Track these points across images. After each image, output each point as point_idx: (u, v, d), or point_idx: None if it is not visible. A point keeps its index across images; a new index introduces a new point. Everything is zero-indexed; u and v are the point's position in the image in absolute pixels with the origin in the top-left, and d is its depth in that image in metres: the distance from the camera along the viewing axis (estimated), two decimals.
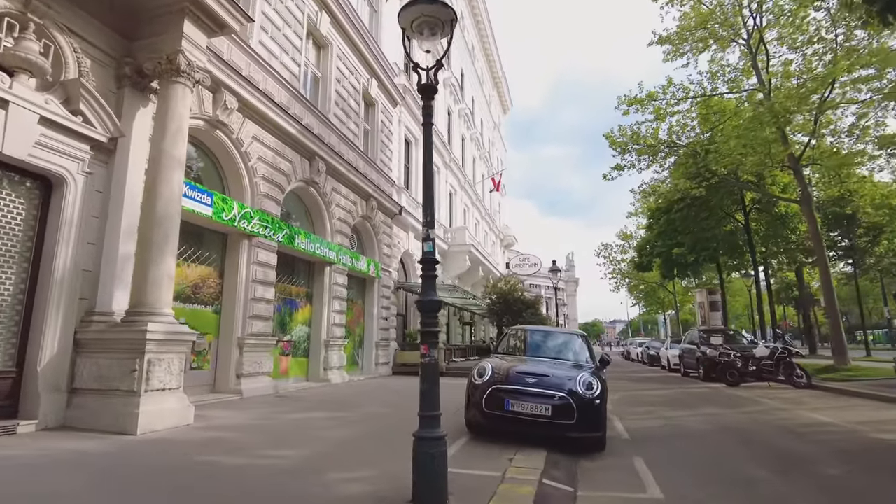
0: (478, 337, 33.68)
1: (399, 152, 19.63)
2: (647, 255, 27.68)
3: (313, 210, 13.46)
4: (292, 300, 12.64)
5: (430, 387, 4.23)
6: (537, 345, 7.50)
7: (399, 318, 19.35)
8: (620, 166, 21.56)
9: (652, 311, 57.06)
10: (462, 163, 30.12)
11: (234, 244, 10.33)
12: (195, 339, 7.51)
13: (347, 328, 14.98)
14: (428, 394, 4.22)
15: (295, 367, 12.60)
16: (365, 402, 9.74)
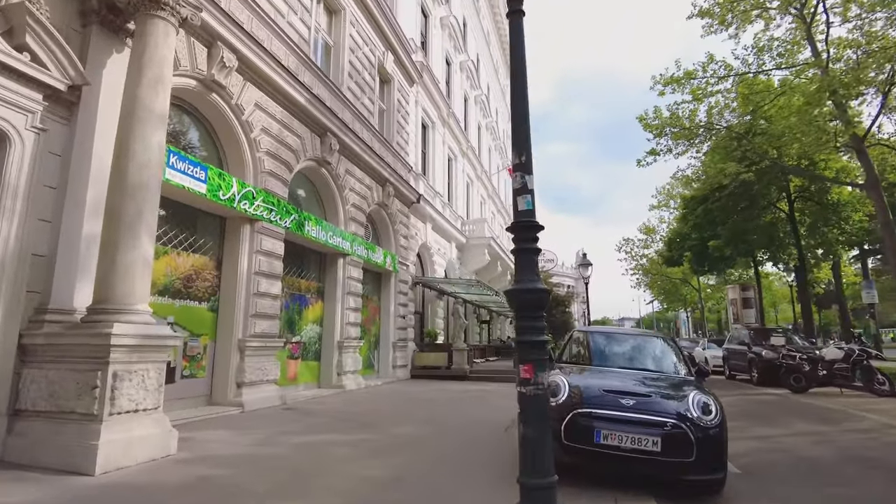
0: (495, 336, 32.10)
1: (416, 136, 18.05)
2: (678, 248, 25.93)
3: (325, 194, 11.92)
4: (301, 296, 11.11)
5: (539, 434, 2.67)
6: (612, 351, 5.89)
7: (416, 315, 17.80)
8: (656, 151, 19.88)
9: (671, 308, 55.19)
10: (478, 152, 28.50)
11: (234, 230, 8.80)
12: (180, 342, 5.99)
13: (363, 327, 13.45)
14: (534, 445, 2.64)
15: (305, 372, 11.08)
16: (390, 416, 8.19)
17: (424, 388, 12.48)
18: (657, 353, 5.92)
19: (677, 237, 26.31)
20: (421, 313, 18.82)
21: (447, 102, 21.40)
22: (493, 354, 25.33)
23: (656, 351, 5.97)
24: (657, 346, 6.04)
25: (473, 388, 12.75)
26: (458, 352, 15.14)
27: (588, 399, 4.62)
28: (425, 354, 15.67)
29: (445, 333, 20.46)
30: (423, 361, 15.63)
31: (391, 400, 10.22)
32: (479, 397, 11.04)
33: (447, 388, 12.77)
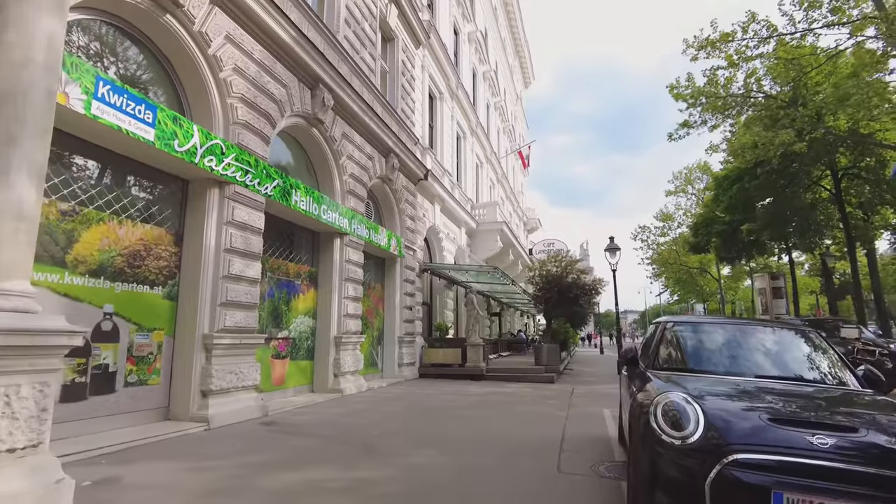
0: (505, 329, 30.25)
1: (423, 105, 16.09)
2: (705, 233, 23.96)
3: (317, 160, 9.99)
4: (290, 282, 9.21)
5: None
6: (735, 353, 3.94)
7: (424, 307, 15.92)
8: (689, 123, 17.86)
9: (684, 300, 53.18)
10: (487, 131, 26.51)
11: (199, 195, 6.90)
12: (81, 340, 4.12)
13: (364, 320, 11.57)
14: None
15: (295, 373, 9.20)
16: (400, 434, 6.30)
17: (437, 391, 10.60)
18: (802, 354, 4.01)
19: (704, 222, 24.34)
20: (429, 304, 16.94)
21: (456, 73, 19.41)
22: (504, 349, 23.50)
23: (800, 350, 4.05)
24: (798, 342, 4.14)
25: (493, 391, 10.88)
26: (473, 348, 13.28)
27: (743, 435, 2.72)
28: (435, 350, 13.80)
29: (455, 327, 18.59)
30: (432, 358, 13.76)
31: (399, 408, 8.34)
32: (504, 403, 9.16)
33: (463, 390, 10.90)
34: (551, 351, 14.20)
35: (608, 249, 16.50)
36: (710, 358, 3.93)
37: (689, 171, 38.64)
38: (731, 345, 4.05)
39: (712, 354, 3.97)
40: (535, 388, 11.43)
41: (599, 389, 11.62)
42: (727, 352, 3.98)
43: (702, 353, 4.02)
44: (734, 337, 4.14)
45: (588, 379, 14.23)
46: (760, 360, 3.90)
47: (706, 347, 4.05)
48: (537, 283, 14.97)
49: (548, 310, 14.55)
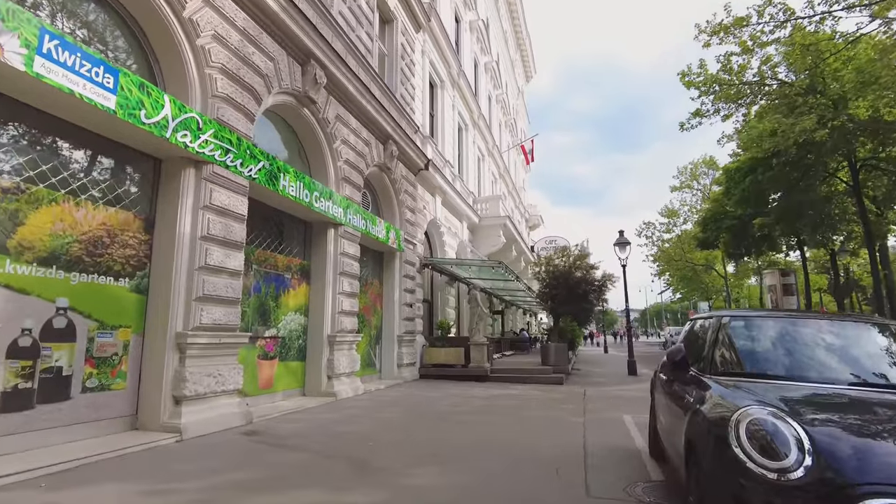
0: (508, 328, 29.51)
1: (423, 92, 15.32)
2: (714, 228, 23.18)
3: (310, 144, 9.23)
4: (279, 276, 8.45)
5: None
6: (818, 355, 3.16)
7: (425, 304, 15.17)
8: (701, 112, 17.12)
9: (687, 297, 52.43)
10: (489, 123, 25.73)
11: (172, 175, 6.13)
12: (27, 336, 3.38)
13: (361, 318, 10.83)
14: None
15: (284, 375, 8.44)
16: (399, 446, 5.55)
17: (439, 394, 9.84)
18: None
19: (713, 216, 23.56)
20: (430, 302, 16.18)
21: (457, 60, 18.63)
22: (508, 348, 22.74)
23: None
24: (890, 341, 3.37)
25: (500, 394, 10.13)
26: (477, 347, 12.52)
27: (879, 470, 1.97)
28: (437, 350, 13.04)
29: (457, 325, 17.84)
30: (434, 359, 13.00)
31: (397, 415, 7.58)
32: (513, 408, 8.41)
33: (467, 392, 10.15)
34: (559, 350, 13.45)
35: (618, 244, 15.73)
36: (789, 360, 3.16)
37: (695, 165, 37.90)
38: (812, 344, 3.28)
39: (791, 356, 3.19)
40: (543, 391, 10.68)
41: (613, 392, 10.87)
42: (808, 352, 3.21)
43: (776, 355, 3.24)
44: (813, 334, 3.37)
45: (598, 380, 13.48)
46: (852, 362, 3.13)
47: (782, 347, 3.27)
48: (543, 279, 14.20)
49: (554, 307, 13.79)
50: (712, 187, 34.33)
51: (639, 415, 7.67)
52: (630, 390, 11.15)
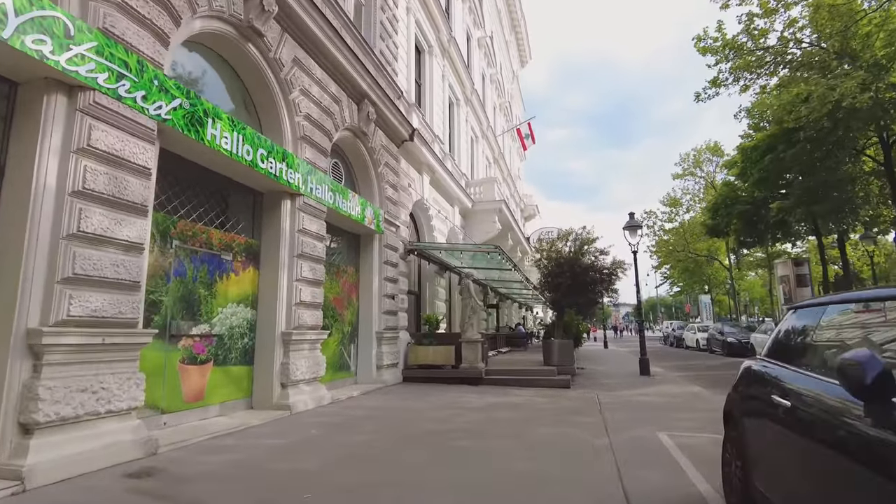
0: (503, 323, 27.78)
1: (408, 56, 13.45)
2: (725, 215, 21.53)
3: (258, 91, 7.36)
4: (215, 257, 6.59)
5: None
6: None
7: (411, 297, 13.38)
8: (718, 81, 15.38)
9: (687, 290, 50.91)
10: (483, 102, 23.88)
11: (31, 104, 4.28)
12: None
13: (331, 311, 9.03)
14: None
15: (223, 384, 6.60)
16: (358, 495, 3.74)
17: (424, 404, 8.05)
18: None
19: (724, 202, 21.91)
20: (417, 294, 14.38)
21: (448, 25, 16.77)
22: (503, 344, 21.01)
23: None
24: None
25: (499, 402, 8.36)
26: (470, 345, 10.75)
27: None
28: (424, 349, 11.24)
29: (448, 320, 16.04)
30: (420, 358, 11.21)
31: (368, 437, 5.77)
32: (518, 423, 6.64)
33: (459, 401, 8.38)
34: (564, 348, 11.72)
35: (628, 227, 13.97)
36: None
37: (698, 152, 36.24)
38: None
39: None
40: (549, 397, 8.93)
41: (631, 398, 9.13)
42: None
43: None
44: None
45: (607, 381, 11.74)
46: None
47: None
48: (545, 266, 12.42)
49: (558, 299, 12.03)
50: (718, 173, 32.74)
51: (676, 432, 5.94)
52: (650, 395, 9.42)
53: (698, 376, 13.61)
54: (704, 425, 6.45)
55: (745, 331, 22.21)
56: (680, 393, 9.70)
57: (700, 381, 12.41)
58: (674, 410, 7.69)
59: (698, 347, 26.22)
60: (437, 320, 11.41)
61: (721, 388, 11.34)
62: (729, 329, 22.78)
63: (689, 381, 12.03)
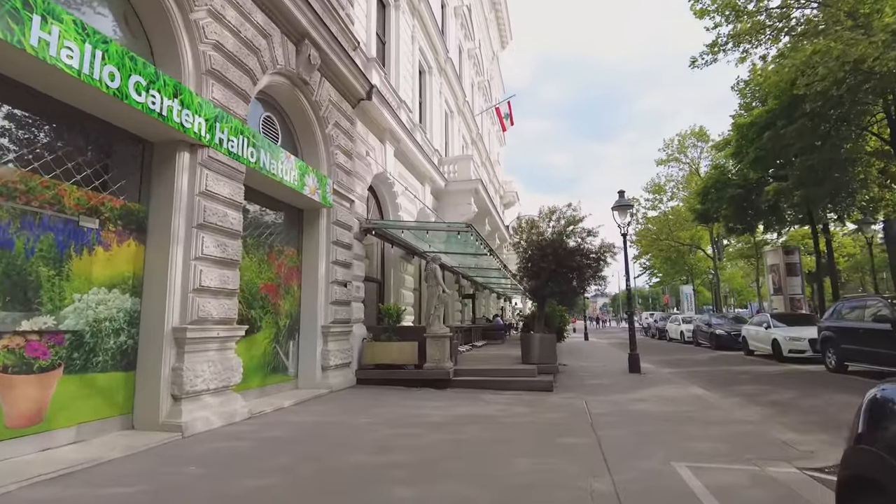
0: (480, 314, 26.25)
1: (368, 5, 11.58)
2: (715, 199, 20.22)
3: (145, 4, 5.48)
4: (70, 223, 4.75)
5: None
6: None
7: (372, 285, 11.63)
8: (717, 44, 13.87)
9: (667, 281, 50.15)
10: (459, 75, 22.10)
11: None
12: None
13: (260, 301, 7.27)
14: None
15: (82, 398, 4.79)
16: None
17: (371, 420, 6.33)
18: None
19: (715, 185, 20.62)
20: (380, 282, 12.64)
21: None
22: (479, 338, 19.44)
23: None
24: None
25: (466, 414, 6.72)
26: (436, 341, 9.08)
27: None
28: (382, 346, 9.51)
29: (417, 312, 14.37)
30: (378, 357, 9.49)
31: (267, 480, 4.04)
32: (486, 450, 4.99)
33: (417, 413, 6.72)
34: (546, 343, 10.16)
35: (617, 207, 12.42)
36: None
37: (683, 137, 35.04)
38: None
39: None
40: (530, 406, 7.32)
41: (624, 404, 7.58)
42: None
43: None
44: None
45: (593, 382, 10.21)
46: None
47: None
48: (524, 249, 10.79)
49: (538, 286, 10.42)
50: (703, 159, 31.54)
51: (697, 461, 4.43)
52: (647, 400, 7.89)
53: (692, 374, 12.21)
54: (729, 448, 4.95)
55: (734, 322, 21.05)
56: (680, 397, 8.20)
57: (696, 379, 11.00)
58: (682, 423, 6.15)
59: (683, 340, 25.08)
60: (397, 312, 9.69)
61: (721, 388, 9.94)
62: (717, 320, 21.60)
63: (684, 380, 10.60)
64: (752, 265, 41.73)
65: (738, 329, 19.16)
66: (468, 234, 10.14)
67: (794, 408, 7.54)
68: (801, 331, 14.34)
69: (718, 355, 17.77)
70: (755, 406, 7.74)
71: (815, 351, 13.41)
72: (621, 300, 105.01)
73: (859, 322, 10.76)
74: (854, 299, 11.81)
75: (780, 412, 7.21)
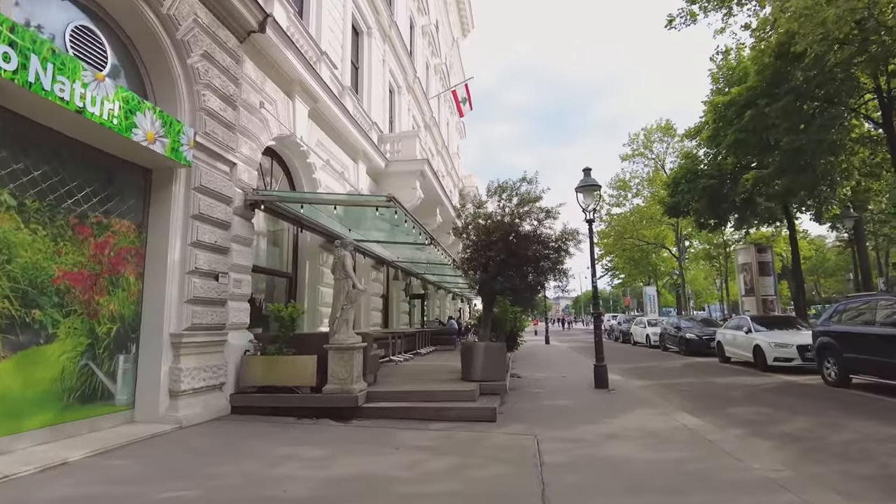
0: (434, 316, 23.90)
1: None
2: (686, 191, 18.53)
3: None
4: None
5: None
6: None
7: (281, 280, 9.08)
8: None
9: (629, 283, 49.06)
10: (410, 50, 19.69)
11: None
12: None
13: (58, 296, 4.67)
14: None
15: None
16: None
17: (186, 495, 3.86)
18: None
19: (685, 175, 18.95)
20: (291, 276, 10.12)
21: None
22: (427, 343, 17.10)
23: None
24: None
25: (353, 477, 4.35)
26: (341, 353, 6.66)
27: None
28: (269, 361, 6.99)
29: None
30: (264, 376, 6.95)
31: None
32: None
33: (278, 476, 4.31)
34: (493, 354, 7.88)
35: (581, 188, 10.27)
36: None
37: (648, 131, 33.67)
38: None
39: None
40: (459, 452, 5.00)
41: (593, 445, 5.34)
42: None
43: None
44: None
45: (551, 404, 7.98)
46: None
47: None
48: (467, 234, 8.46)
49: (486, 280, 8.11)
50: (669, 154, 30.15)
51: None
52: (623, 438, 5.68)
53: (669, 389, 10.21)
54: None
55: (703, 325, 19.43)
56: (667, 431, 6.03)
57: (676, 397, 8.99)
58: (689, 490, 3.95)
59: (648, 344, 23.42)
60: (291, 316, 7.15)
61: (713, 412, 7.23)
62: (686, 324, 19.92)
63: (663, 399, 8.53)
64: (715, 266, 41.02)
65: (710, 333, 17.50)
66: (391, 209, 7.70)
67: (823, 449, 5.47)
68: (786, 336, 12.61)
69: (691, 362, 15.97)
70: (768, 442, 5.68)
71: (804, 359, 11.67)
72: (583, 302, 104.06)
73: (868, 326, 8.93)
74: (859, 298, 10.02)
75: (807, 455, 5.14)
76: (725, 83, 19.00)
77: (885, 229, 29.67)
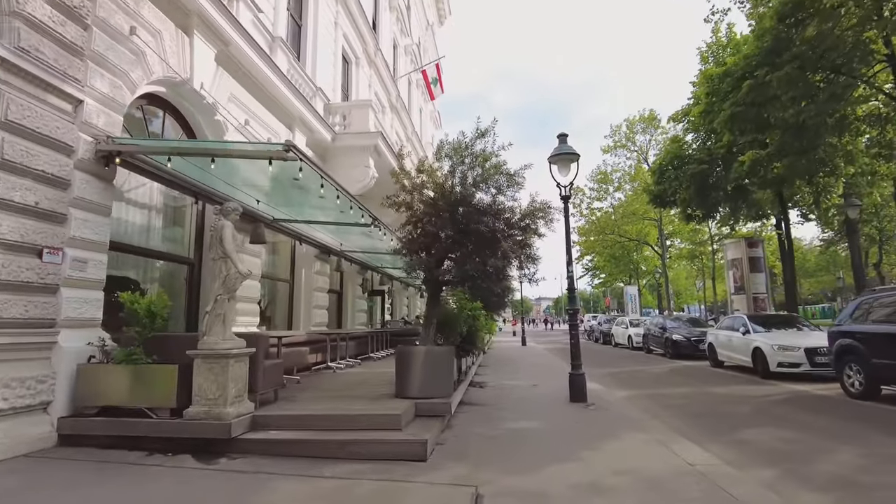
0: (399, 314, 21.96)
1: None
2: (673, 178, 16.91)
3: None
4: None
5: None
6: None
7: (187, 268, 7.08)
8: None
9: (610, 281, 47.63)
10: (372, 24, 17.72)
11: None
12: None
13: None
14: None
15: None
16: None
17: None
18: None
19: (672, 161, 17.36)
20: (192, 264, 8.10)
21: None
22: (385, 345, 15.14)
23: None
24: None
25: None
26: (212, 363, 4.75)
27: None
28: (115, 372, 5.03)
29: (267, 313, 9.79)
30: (107, 393, 4.98)
31: None
32: None
33: None
34: (435, 363, 6.00)
35: (555, 158, 8.47)
36: None
37: (631, 123, 32.20)
38: None
39: None
40: None
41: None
42: None
43: None
44: None
45: (512, 427, 6.14)
46: None
47: None
48: (408, 207, 6.53)
49: (430, 267, 6.21)
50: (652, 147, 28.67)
51: None
52: (610, 493, 3.85)
53: (660, 402, 8.44)
54: None
55: (691, 325, 17.86)
56: (669, 476, 4.21)
57: (671, 415, 7.23)
58: None
59: (631, 346, 21.80)
60: (148, 310, 5.16)
61: (722, 438, 5.48)
62: (672, 324, 18.31)
63: (655, 419, 6.76)
64: (697, 266, 39.88)
65: (699, 334, 15.93)
66: (291, 161, 5.71)
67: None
68: (790, 337, 10.99)
69: (679, 367, 14.33)
70: (818, 497, 3.90)
71: (813, 365, 10.05)
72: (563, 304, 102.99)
73: None
74: (891, 290, 8.34)
75: None
76: (716, 64, 17.50)
77: (868, 227, 28.55)
